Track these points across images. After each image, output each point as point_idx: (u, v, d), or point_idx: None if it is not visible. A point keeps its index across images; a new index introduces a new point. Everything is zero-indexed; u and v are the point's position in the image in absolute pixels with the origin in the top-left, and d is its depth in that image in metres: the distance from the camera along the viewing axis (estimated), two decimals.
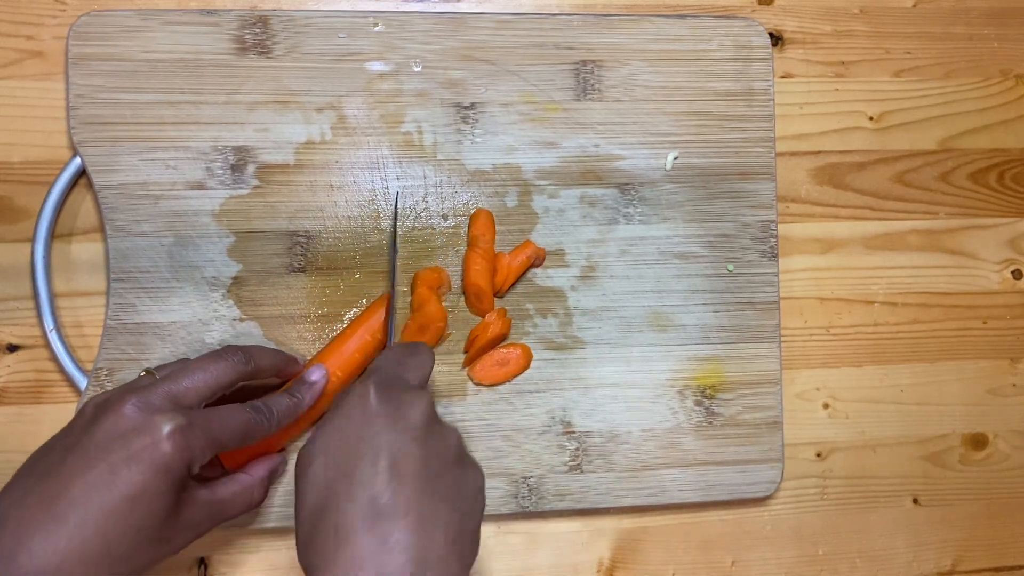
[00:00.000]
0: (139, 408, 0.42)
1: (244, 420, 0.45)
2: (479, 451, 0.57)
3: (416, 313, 0.55)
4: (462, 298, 0.57)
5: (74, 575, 0.38)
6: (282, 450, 0.54)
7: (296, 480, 0.43)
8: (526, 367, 0.58)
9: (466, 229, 0.57)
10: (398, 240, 0.56)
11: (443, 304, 0.55)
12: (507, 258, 0.56)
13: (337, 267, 0.56)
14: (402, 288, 0.56)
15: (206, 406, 0.46)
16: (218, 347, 0.52)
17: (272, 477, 0.51)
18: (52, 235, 0.54)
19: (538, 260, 0.58)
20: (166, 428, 0.41)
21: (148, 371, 0.48)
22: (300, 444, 0.54)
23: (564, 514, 0.59)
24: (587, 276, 0.58)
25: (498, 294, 0.57)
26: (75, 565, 0.38)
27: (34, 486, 0.40)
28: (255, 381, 0.50)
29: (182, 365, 0.47)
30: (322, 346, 0.55)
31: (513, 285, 0.57)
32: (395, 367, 0.46)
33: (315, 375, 0.51)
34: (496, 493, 0.57)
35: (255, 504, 0.49)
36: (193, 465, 0.42)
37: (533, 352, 0.58)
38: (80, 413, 0.44)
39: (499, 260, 0.56)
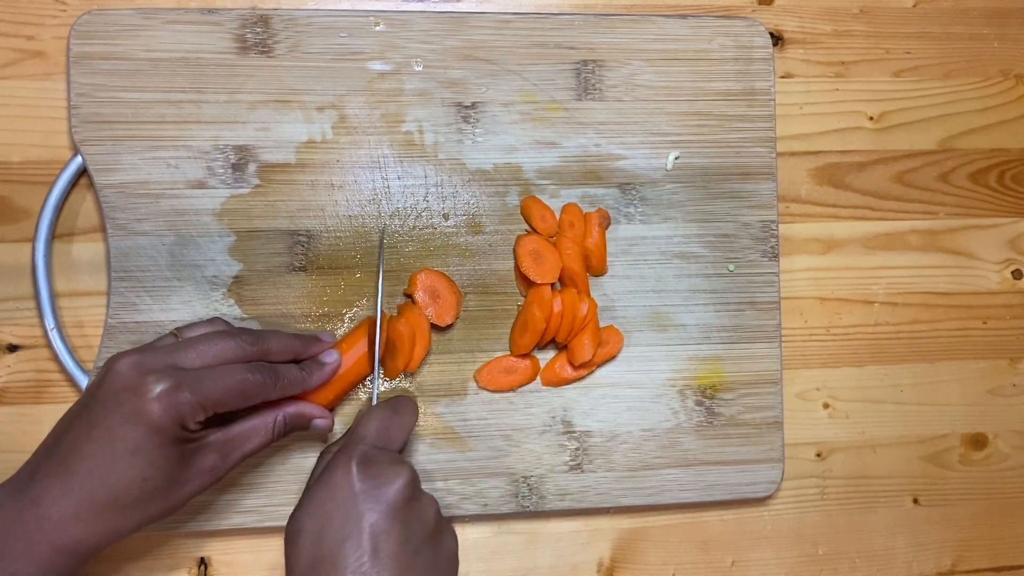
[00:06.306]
0: (134, 367, 0.44)
1: (239, 379, 0.46)
2: (480, 451, 0.57)
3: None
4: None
5: (88, 521, 0.43)
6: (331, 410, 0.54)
7: (285, 546, 0.46)
8: (532, 378, 0.57)
9: (467, 228, 0.57)
10: (382, 273, 0.55)
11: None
12: (591, 238, 0.57)
13: (338, 266, 0.56)
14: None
15: None
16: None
17: (299, 420, 0.51)
18: (52, 235, 0.54)
19: (605, 221, 0.58)
20: (155, 390, 0.43)
21: (175, 332, 0.49)
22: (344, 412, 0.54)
23: (564, 514, 0.59)
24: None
25: (598, 274, 0.58)
26: (87, 512, 0.43)
27: (57, 439, 0.45)
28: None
29: (202, 329, 0.49)
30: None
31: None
32: (381, 432, 0.49)
33: (328, 358, 0.52)
34: (496, 493, 0.57)
35: (272, 438, 0.49)
36: (186, 423, 0.44)
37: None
38: (99, 370, 0.47)
39: (580, 242, 0.57)
